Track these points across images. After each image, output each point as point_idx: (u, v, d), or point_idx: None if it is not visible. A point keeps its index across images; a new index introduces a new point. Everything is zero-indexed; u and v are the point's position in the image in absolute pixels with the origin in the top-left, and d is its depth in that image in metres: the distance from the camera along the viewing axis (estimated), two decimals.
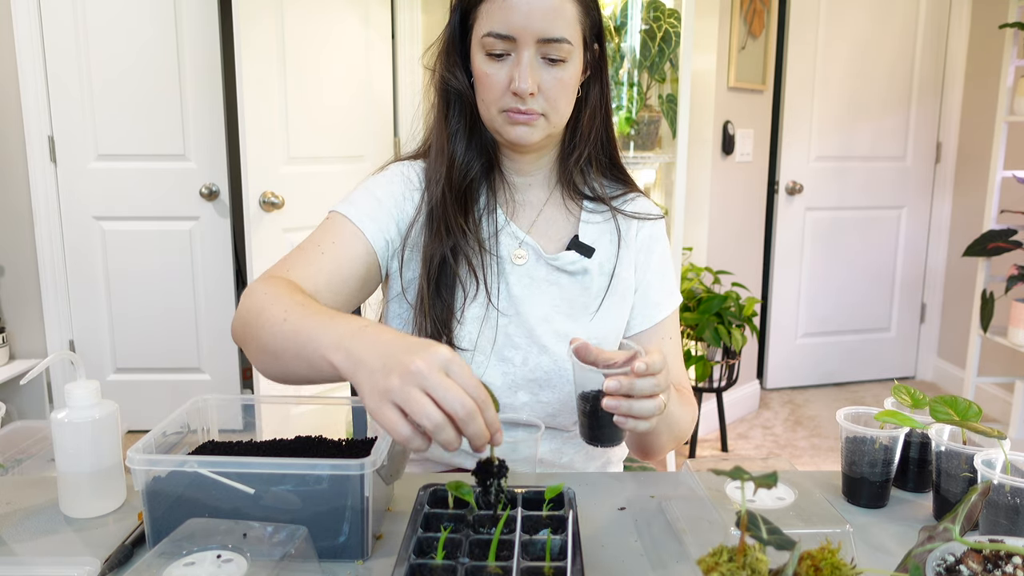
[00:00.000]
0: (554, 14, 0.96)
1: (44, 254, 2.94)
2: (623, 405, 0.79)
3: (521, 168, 1.12)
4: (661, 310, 1.14)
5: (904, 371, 4.03)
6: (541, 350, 1.06)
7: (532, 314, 1.07)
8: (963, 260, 3.60)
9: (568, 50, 0.99)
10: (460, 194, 1.07)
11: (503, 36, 0.97)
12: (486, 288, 1.06)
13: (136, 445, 0.80)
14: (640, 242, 1.14)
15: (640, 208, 1.16)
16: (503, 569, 0.69)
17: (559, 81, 1.00)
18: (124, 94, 2.91)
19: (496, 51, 0.99)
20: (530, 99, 0.99)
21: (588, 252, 1.10)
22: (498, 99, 1.01)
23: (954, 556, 0.62)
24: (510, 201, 1.12)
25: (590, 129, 1.10)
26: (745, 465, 0.62)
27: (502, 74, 0.99)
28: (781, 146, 3.63)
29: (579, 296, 1.09)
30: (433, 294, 1.04)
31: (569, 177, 1.12)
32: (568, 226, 1.13)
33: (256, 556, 0.69)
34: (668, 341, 1.14)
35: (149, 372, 3.10)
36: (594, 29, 1.05)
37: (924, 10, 3.67)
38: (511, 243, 1.10)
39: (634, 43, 2.72)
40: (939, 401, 0.88)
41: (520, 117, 1.00)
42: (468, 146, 1.08)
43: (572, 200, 1.13)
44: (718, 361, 2.96)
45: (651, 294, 1.14)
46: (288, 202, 2.60)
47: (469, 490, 0.80)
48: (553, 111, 1.02)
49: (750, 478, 0.59)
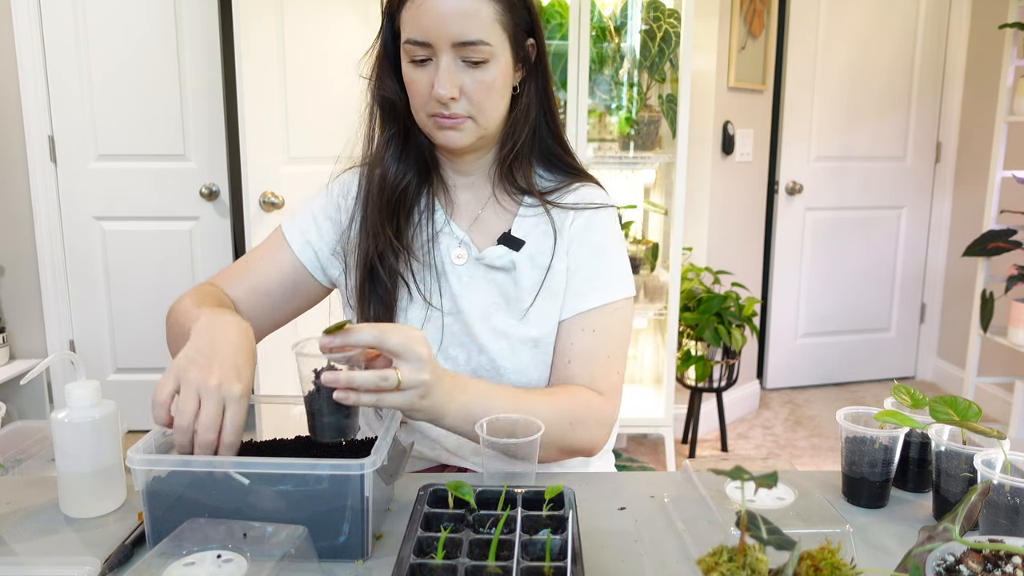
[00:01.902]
0: (466, 17, 0.95)
1: (44, 254, 2.94)
2: (341, 379, 0.82)
3: (460, 168, 1.12)
4: (585, 301, 1.07)
5: (904, 371, 4.03)
6: (480, 349, 1.07)
7: (470, 313, 1.07)
8: (963, 260, 3.60)
9: (488, 51, 0.98)
10: (391, 201, 1.08)
11: (420, 43, 0.97)
12: (419, 291, 1.08)
13: (136, 445, 0.80)
14: (573, 231, 1.10)
15: (581, 197, 1.12)
16: (503, 569, 0.69)
17: (481, 83, 0.99)
18: (124, 94, 2.91)
19: (418, 57, 0.99)
20: (452, 103, 0.99)
21: (517, 245, 1.09)
22: (424, 104, 1.01)
23: (954, 556, 0.62)
24: (451, 202, 1.13)
25: (524, 125, 1.08)
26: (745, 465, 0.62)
27: (425, 80, 0.99)
28: (781, 146, 3.63)
29: (513, 292, 1.08)
30: (369, 296, 1.08)
31: (505, 173, 1.11)
32: (504, 223, 1.11)
33: (256, 556, 0.69)
34: (585, 333, 1.06)
35: (149, 372, 3.09)
36: (522, 26, 1.03)
37: (924, 10, 3.67)
38: (451, 243, 1.10)
39: (634, 43, 2.73)
40: (939, 401, 0.88)
41: (446, 122, 1.01)
42: (403, 152, 1.09)
43: (510, 197, 1.12)
44: (718, 361, 2.96)
45: (575, 283, 1.08)
46: (288, 202, 2.60)
47: (469, 490, 0.80)
48: (479, 113, 1.01)
49: (750, 478, 0.59)
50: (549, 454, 1.00)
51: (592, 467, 1.16)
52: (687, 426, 3.18)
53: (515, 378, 1.07)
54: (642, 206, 3.02)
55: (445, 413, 0.91)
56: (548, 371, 1.09)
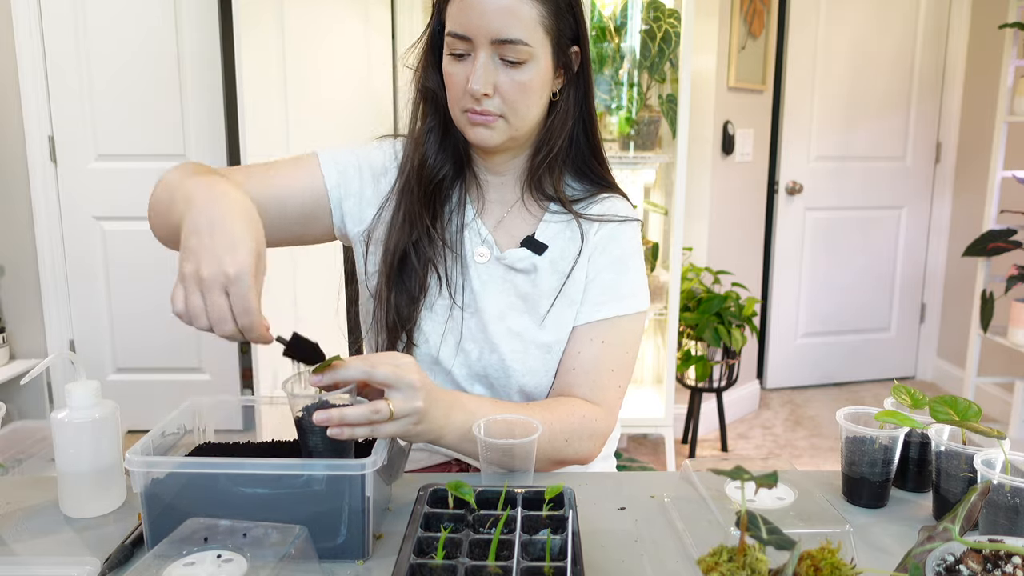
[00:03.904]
0: (508, 15, 0.95)
1: (44, 254, 2.94)
2: (334, 416, 0.79)
3: (492, 167, 1.12)
4: (598, 311, 1.08)
5: (904, 371, 4.03)
6: (492, 348, 1.07)
7: (487, 312, 1.08)
8: (963, 260, 3.60)
9: (527, 52, 0.97)
10: (428, 191, 1.08)
11: (460, 36, 0.97)
12: (448, 284, 1.08)
13: (134, 447, 0.80)
14: (596, 241, 1.10)
15: (607, 209, 1.12)
16: (503, 569, 0.69)
17: (517, 83, 0.99)
18: (124, 94, 2.91)
19: (457, 51, 0.99)
20: (485, 100, 0.99)
21: (540, 249, 1.09)
22: (459, 99, 1.01)
23: (954, 556, 0.62)
24: (480, 199, 1.13)
25: (560, 133, 1.08)
26: (745, 465, 0.62)
27: (462, 74, 0.99)
28: (781, 146, 3.63)
29: (531, 295, 1.08)
30: (395, 285, 1.07)
31: (534, 179, 1.11)
32: (528, 226, 1.12)
33: (256, 556, 0.69)
34: (593, 344, 1.07)
35: (149, 372, 3.10)
36: (567, 32, 1.03)
37: (924, 10, 3.67)
38: (474, 240, 1.10)
39: (634, 43, 2.72)
40: (939, 401, 0.88)
41: (477, 118, 1.00)
42: (441, 145, 1.09)
43: (536, 201, 1.12)
44: (718, 361, 2.96)
45: (592, 292, 1.09)
46: None
47: (469, 490, 0.80)
48: (512, 113, 1.01)
49: (750, 478, 0.59)
50: (542, 465, 1.01)
51: (592, 467, 1.16)
52: (687, 426, 3.18)
53: (523, 380, 1.07)
54: (642, 206, 3.02)
55: (442, 435, 0.91)
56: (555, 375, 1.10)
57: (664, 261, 2.85)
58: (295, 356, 0.82)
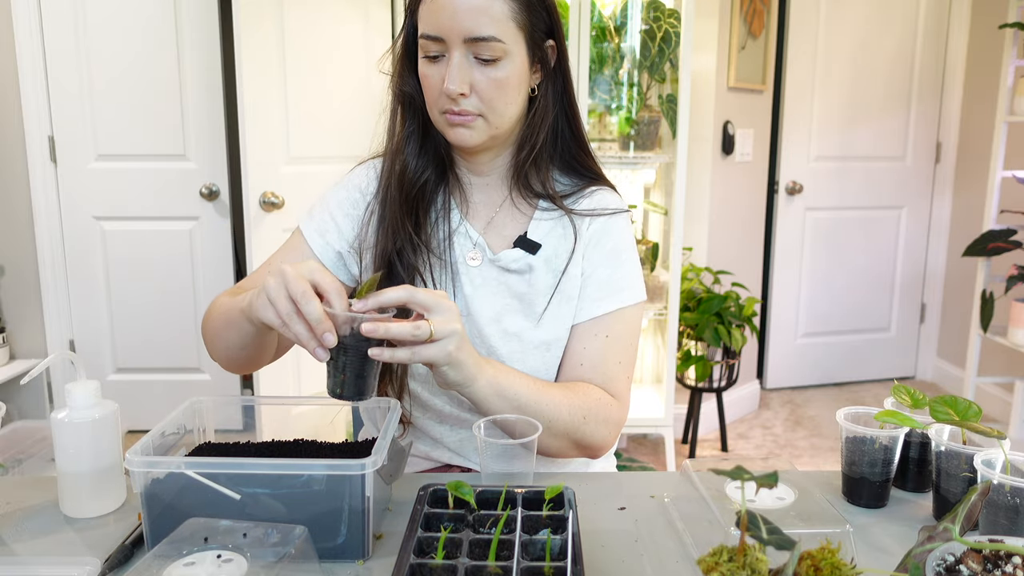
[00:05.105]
0: (479, 13, 0.95)
1: (44, 254, 2.94)
2: (380, 329, 0.82)
3: (476, 168, 1.12)
4: (599, 306, 1.08)
5: (904, 371, 4.03)
6: (490, 351, 1.07)
7: (482, 315, 1.07)
8: (963, 260, 3.61)
9: (500, 49, 0.97)
10: (410, 198, 1.08)
11: (433, 37, 0.97)
12: (436, 289, 1.07)
13: (134, 447, 0.80)
14: (589, 236, 1.10)
15: (596, 202, 1.12)
16: (503, 569, 0.69)
17: (493, 81, 0.99)
18: (124, 94, 2.91)
19: (431, 53, 0.99)
20: (463, 100, 0.99)
21: (533, 248, 1.08)
22: (436, 101, 1.01)
23: (954, 556, 0.62)
24: (466, 202, 1.12)
25: (541, 128, 1.07)
26: (745, 465, 0.62)
27: (437, 75, 0.99)
28: (781, 146, 3.63)
29: (527, 295, 1.08)
30: None
31: (520, 176, 1.10)
32: (519, 225, 1.11)
33: (256, 556, 0.69)
34: (598, 339, 1.07)
35: (149, 372, 3.10)
36: (540, 26, 1.02)
37: (924, 10, 3.67)
38: (465, 244, 1.10)
39: (634, 43, 2.73)
40: (939, 401, 0.88)
41: (456, 119, 1.00)
42: (421, 150, 1.09)
43: (525, 199, 1.11)
44: (718, 361, 2.96)
45: (590, 288, 1.09)
46: (288, 202, 2.60)
47: (469, 490, 0.80)
48: (490, 111, 1.01)
49: (750, 478, 0.59)
50: (561, 445, 1.01)
51: (592, 467, 1.16)
52: (687, 426, 3.18)
53: None
54: (642, 206, 3.02)
55: (476, 376, 0.91)
56: (556, 373, 1.09)
57: (664, 261, 2.85)
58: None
